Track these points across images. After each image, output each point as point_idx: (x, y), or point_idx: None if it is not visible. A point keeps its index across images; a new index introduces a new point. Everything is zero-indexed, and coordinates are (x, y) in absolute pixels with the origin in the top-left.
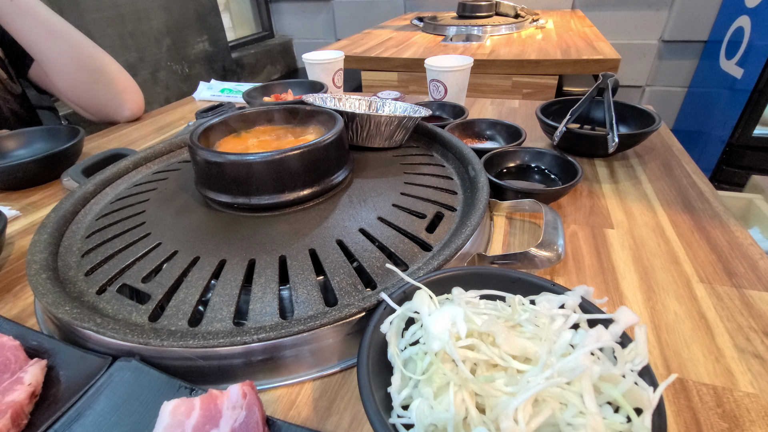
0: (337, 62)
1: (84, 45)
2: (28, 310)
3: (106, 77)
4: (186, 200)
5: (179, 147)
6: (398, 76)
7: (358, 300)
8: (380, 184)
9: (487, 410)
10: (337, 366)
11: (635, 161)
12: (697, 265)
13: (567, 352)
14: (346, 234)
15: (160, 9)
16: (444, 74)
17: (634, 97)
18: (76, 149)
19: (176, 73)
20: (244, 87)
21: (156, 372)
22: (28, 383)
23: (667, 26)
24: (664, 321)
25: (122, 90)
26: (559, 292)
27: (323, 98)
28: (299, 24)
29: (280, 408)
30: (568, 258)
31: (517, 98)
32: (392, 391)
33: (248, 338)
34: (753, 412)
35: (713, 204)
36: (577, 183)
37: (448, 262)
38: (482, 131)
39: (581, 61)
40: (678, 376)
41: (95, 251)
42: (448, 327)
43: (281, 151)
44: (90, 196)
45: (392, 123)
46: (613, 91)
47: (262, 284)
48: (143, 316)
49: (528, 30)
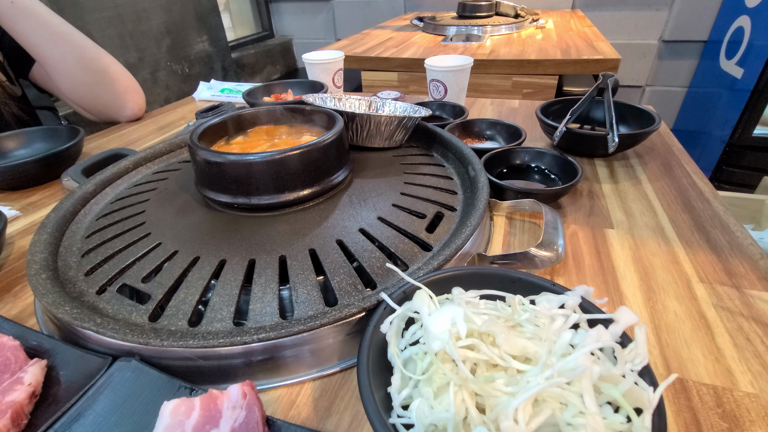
0: (337, 62)
1: (86, 46)
2: (28, 310)
3: (109, 78)
4: (186, 200)
5: (179, 147)
6: (398, 76)
7: (358, 300)
8: (380, 184)
9: (487, 410)
10: (337, 366)
11: (635, 161)
12: (697, 265)
13: (567, 352)
14: (346, 234)
15: (160, 9)
16: (444, 74)
17: (634, 97)
18: (76, 149)
19: (176, 73)
20: (244, 87)
21: (156, 372)
22: (28, 383)
23: (667, 26)
24: (664, 321)
25: (124, 91)
26: (559, 292)
27: (323, 98)
28: (299, 24)
29: (280, 408)
30: (568, 258)
31: (517, 98)
32: (392, 391)
33: (248, 338)
34: (753, 412)
35: (713, 204)
36: (577, 183)
37: (448, 262)
38: (482, 131)
39: (581, 61)
40: (678, 376)
41: (95, 251)
42: (448, 327)
43: (281, 151)
44: (90, 196)
45: (392, 123)
46: (613, 91)
47: (262, 284)
48: (143, 316)
49: (528, 30)
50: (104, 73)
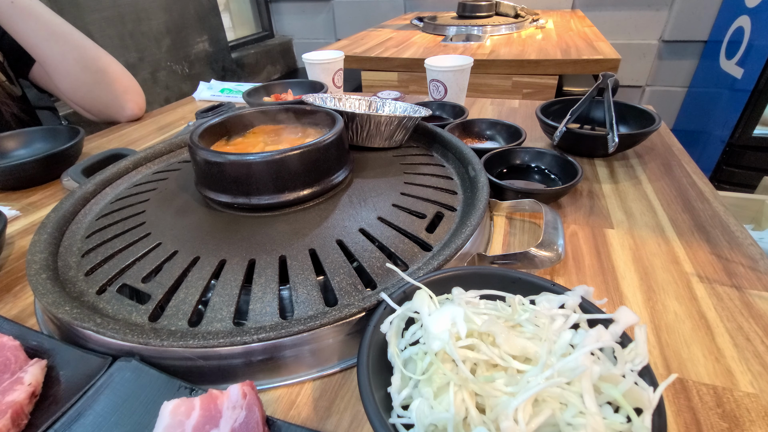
0: (337, 62)
1: (86, 47)
2: (28, 310)
3: (109, 78)
4: (186, 200)
5: (179, 147)
6: (398, 76)
7: (358, 300)
8: (380, 184)
9: (487, 410)
10: (337, 366)
11: (635, 161)
12: (697, 265)
13: (567, 352)
14: (346, 234)
15: (160, 9)
16: (444, 74)
17: (634, 97)
18: (76, 149)
19: (176, 73)
20: (244, 87)
21: (156, 372)
22: (28, 383)
23: (667, 26)
24: (664, 321)
25: (124, 91)
26: (559, 292)
27: (323, 98)
28: (299, 24)
29: (280, 408)
30: (568, 258)
31: (517, 98)
32: (392, 391)
33: (248, 338)
34: (753, 412)
35: (713, 204)
36: (577, 183)
37: (448, 262)
38: (482, 131)
39: (581, 61)
40: (678, 376)
41: (95, 251)
42: (448, 327)
43: (281, 151)
44: (90, 196)
45: (392, 123)
46: (613, 91)
47: (262, 284)
48: (143, 316)
49: (528, 30)
50: (104, 73)
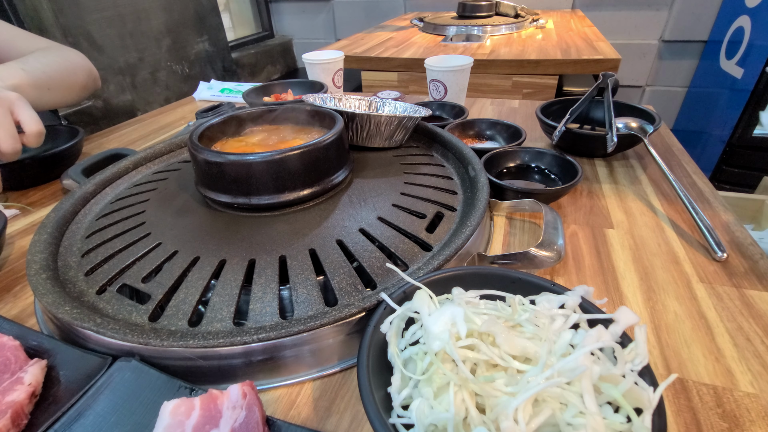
0: (337, 62)
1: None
2: (28, 310)
3: (80, 86)
4: (186, 200)
5: (179, 147)
6: (398, 76)
7: (358, 300)
8: (380, 184)
9: (487, 410)
10: (337, 366)
11: (635, 161)
12: (697, 265)
13: (567, 352)
14: (346, 234)
15: (160, 9)
16: (444, 74)
17: (634, 97)
18: (76, 149)
19: (176, 73)
20: (244, 87)
21: (156, 372)
22: (28, 383)
23: (667, 26)
24: (664, 321)
25: (84, 86)
26: (559, 292)
27: (323, 98)
28: (299, 24)
29: (280, 408)
30: (568, 258)
31: (517, 98)
32: (392, 391)
33: (248, 338)
34: (753, 412)
35: (713, 204)
36: (577, 183)
37: (448, 262)
38: (482, 131)
39: (581, 61)
40: (678, 376)
41: (95, 251)
42: (448, 327)
43: (281, 151)
44: (90, 196)
45: (392, 123)
46: (613, 91)
47: (262, 284)
48: (143, 316)
49: (528, 30)
50: (82, 88)
